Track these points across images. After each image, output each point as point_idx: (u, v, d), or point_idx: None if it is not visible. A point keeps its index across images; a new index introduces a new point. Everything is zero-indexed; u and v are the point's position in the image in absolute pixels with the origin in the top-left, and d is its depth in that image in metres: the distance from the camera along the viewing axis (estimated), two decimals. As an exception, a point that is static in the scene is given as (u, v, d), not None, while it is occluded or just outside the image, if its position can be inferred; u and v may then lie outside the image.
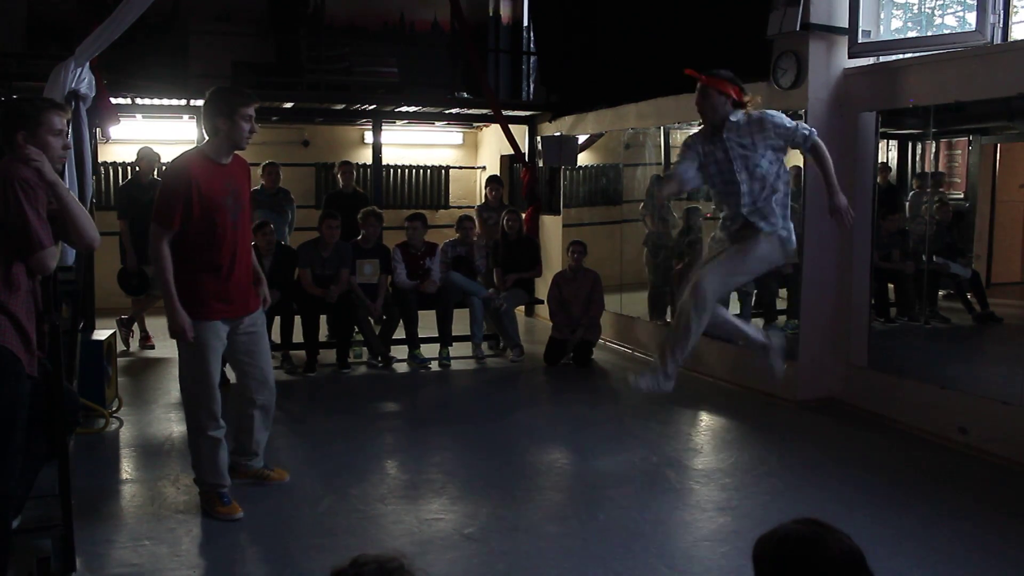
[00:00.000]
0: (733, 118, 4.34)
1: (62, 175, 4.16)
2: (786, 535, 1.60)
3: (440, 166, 11.23)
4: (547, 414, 6.17)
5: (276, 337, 7.27)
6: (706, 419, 5.99)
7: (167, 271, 3.77)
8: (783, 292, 7.64)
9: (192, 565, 3.57)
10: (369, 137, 10.07)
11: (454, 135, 11.41)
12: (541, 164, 9.63)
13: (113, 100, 6.54)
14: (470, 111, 9.83)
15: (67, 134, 3.15)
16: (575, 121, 9.05)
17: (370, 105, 9.14)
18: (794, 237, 4.46)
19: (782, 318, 7.63)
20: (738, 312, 7.64)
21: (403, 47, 9.96)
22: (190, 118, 8.97)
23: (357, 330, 7.25)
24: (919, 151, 7.26)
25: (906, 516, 4.09)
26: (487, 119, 10.27)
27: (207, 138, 3.92)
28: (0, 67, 7.63)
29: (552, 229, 9.45)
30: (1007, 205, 7.46)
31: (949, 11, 5.67)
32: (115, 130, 6.46)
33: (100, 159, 9.01)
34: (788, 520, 1.65)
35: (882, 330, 6.92)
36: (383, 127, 9.62)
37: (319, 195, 10.22)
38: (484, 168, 11.19)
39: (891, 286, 7.43)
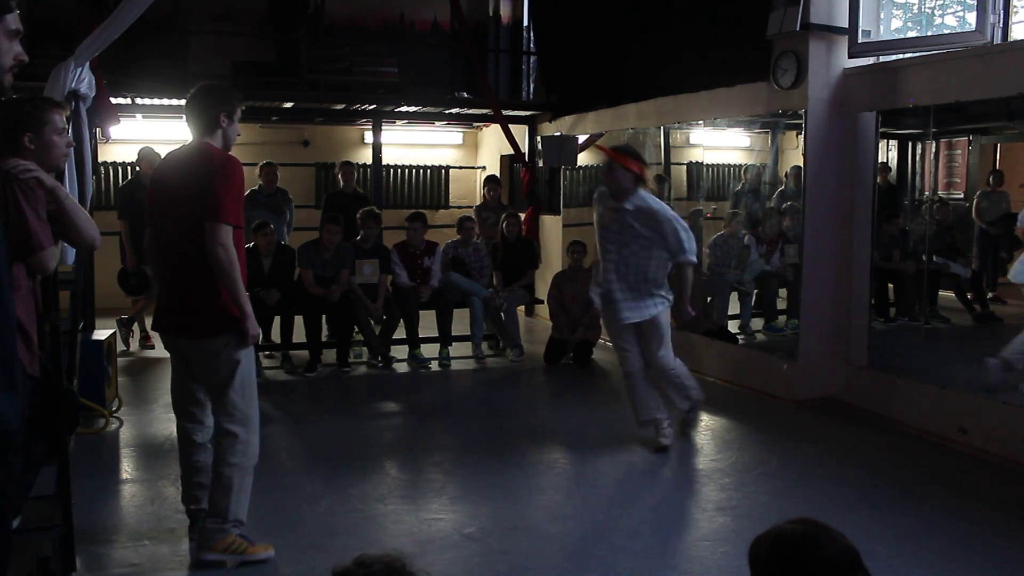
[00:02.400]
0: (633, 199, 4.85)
1: (62, 175, 4.17)
2: (781, 535, 1.60)
3: (440, 166, 11.23)
4: (547, 414, 6.17)
5: (276, 337, 7.29)
6: (706, 419, 5.97)
7: (239, 272, 3.37)
8: (783, 292, 7.65)
9: (192, 565, 3.56)
10: (369, 137, 10.07)
11: (454, 135, 11.41)
12: (541, 164, 9.63)
13: (113, 100, 6.55)
14: (470, 111, 9.83)
15: (68, 132, 3.15)
16: (575, 121, 9.05)
17: (370, 105, 9.14)
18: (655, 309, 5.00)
19: (782, 318, 7.65)
20: (738, 312, 7.67)
21: (403, 47, 9.97)
22: (190, 118, 8.95)
23: (357, 330, 7.26)
24: (919, 151, 7.27)
25: (906, 516, 4.09)
26: (487, 119, 10.27)
27: (200, 134, 3.53)
28: (0, 67, 7.63)
29: (552, 229, 9.45)
30: (1007, 205, 7.46)
31: (949, 11, 5.66)
32: (115, 130, 6.47)
33: (100, 159, 9.01)
34: (784, 520, 1.65)
35: (882, 330, 6.93)
36: (383, 127, 9.61)
37: (319, 195, 10.22)
38: (484, 168, 11.18)
39: (891, 286, 7.44)
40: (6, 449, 2.14)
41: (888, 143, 7.47)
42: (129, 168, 9.38)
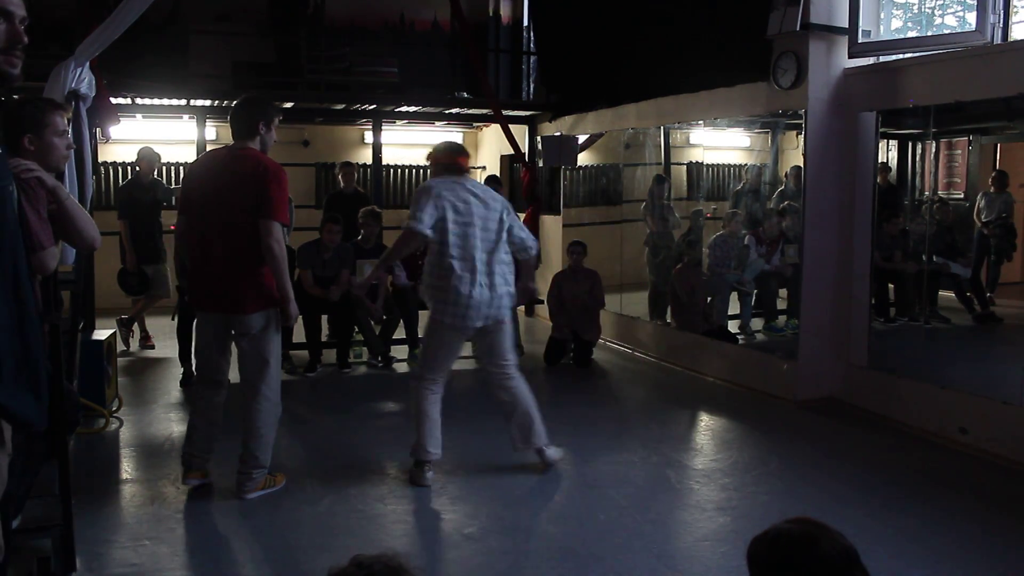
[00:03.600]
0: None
1: (62, 175, 4.17)
2: (779, 535, 1.60)
3: (440, 166, 11.21)
4: (547, 414, 6.13)
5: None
6: (706, 419, 5.99)
7: (287, 262, 4.03)
8: (783, 292, 7.65)
9: (192, 565, 3.57)
10: (369, 137, 10.08)
11: (454, 135, 11.41)
12: (541, 164, 9.63)
13: (113, 100, 6.54)
14: (470, 111, 9.83)
15: (68, 133, 3.16)
16: (575, 121, 9.05)
17: (370, 105, 9.14)
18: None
19: (782, 318, 7.65)
20: (738, 312, 7.66)
21: (403, 47, 9.96)
22: (190, 118, 8.97)
23: (357, 330, 7.26)
24: (919, 151, 7.27)
25: (906, 516, 4.09)
26: (487, 119, 10.27)
27: (241, 138, 4.14)
28: (0, 67, 7.63)
29: (552, 229, 9.45)
30: (1007, 205, 7.45)
31: (949, 11, 5.67)
32: (115, 130, 6.46)
33: (100, 159, 9.01)
34: (782, 520, 1.65)
35: (882, 330, 6.93)
36: (383, 127, 9.62)
37: (319, 195, 10.23)
38: (484, 168, 11.19)
39: (891, 286, 7.44)
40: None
41: (888, 143, 7.46)
42: (129, 168, 9.38)
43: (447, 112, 9.88)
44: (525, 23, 10.64)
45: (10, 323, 2.04)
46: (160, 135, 9.46)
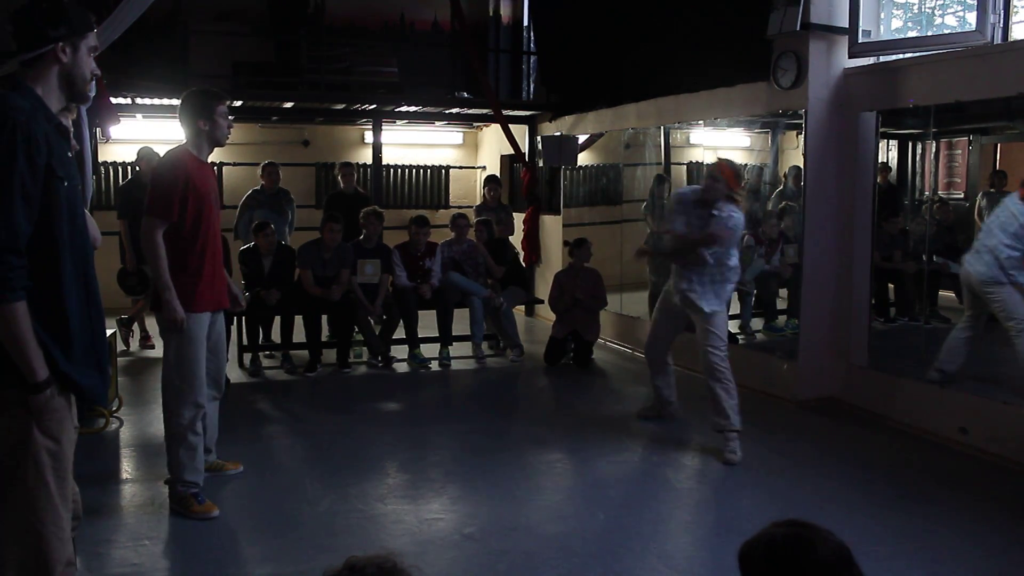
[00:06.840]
0: (719, 210, 5.00)
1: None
2: (773, 539, 1.58)
3: (440, 166, 11.24)
4: (547, 414, 6.16)
5: (276, 337, 7.29)
6: (706, 419, 5.98)
7: (165, 262, 3.84)
8: (783, 292, 7.65)
9: (192, 565, 3.57)
10: (369, 137, 10.08)
11: (454, 135, 11.42)
12: (541, 164, 9.63)
13: (113, 100, 6.54)
14: (470, 111, 9.84)
15: (72, 134, 3.15)
16: (575, 121, 9.05)
17: (370, 105, 9.14)
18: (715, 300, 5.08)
19: (782, 318, 7.65)
20: (738, 312, 7.66)
21: (403, 47, 9.97)
22: (190, 118, 8.96)
23: (357, 330, 7.26)
24: (919, 151, 7.27)
25: (906, 516, 4.10)
26: (487, 119, 10.28)
27: (186, 138, 4.09)
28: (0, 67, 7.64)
29: (552, 229, 9.45)
30: (1007, 205, 7.43)
31: (949, 11, 5.67)
32: (115, 130, 6.45)
33: (100, 159, 9.01)
34: (769, 524, 1.63)
35: (882, 330, 6.93)
36: (383, 127, 9.62)
37: (319, 195, 10.23)
38: (484, 168, 11.19)
39: (891, 286, 7.44)
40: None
41: (888, 143, 7.47)
42: (129, 168, 9.38)
43: (447, 112, 9.88)
44: (525, 23, 10.65)
45: (79, 308, 2.29)
46: (160, 135, 9.44)
